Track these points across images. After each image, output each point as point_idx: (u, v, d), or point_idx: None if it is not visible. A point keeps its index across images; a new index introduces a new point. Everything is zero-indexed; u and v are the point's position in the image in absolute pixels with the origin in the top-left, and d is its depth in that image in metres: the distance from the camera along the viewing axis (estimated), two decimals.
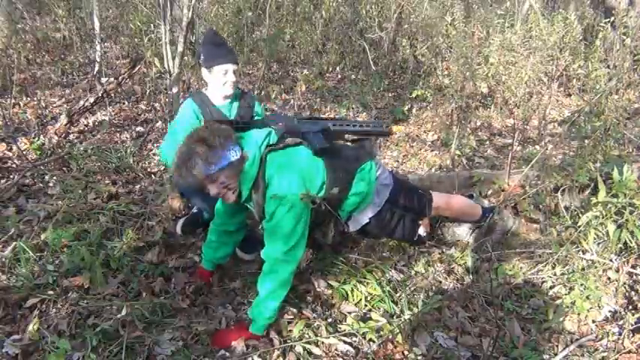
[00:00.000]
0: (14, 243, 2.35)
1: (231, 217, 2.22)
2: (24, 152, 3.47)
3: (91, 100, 4.21)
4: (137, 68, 4.53)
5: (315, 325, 1.98)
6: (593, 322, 2.01)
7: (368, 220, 2.18)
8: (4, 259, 2.25)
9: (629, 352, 1.78)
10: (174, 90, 4.11)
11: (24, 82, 4.88)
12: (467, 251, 2.46)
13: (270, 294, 1.88)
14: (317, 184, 1.94)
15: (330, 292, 2.21)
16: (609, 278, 2.20)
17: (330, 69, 6.12)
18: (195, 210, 2.74)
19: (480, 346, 1.88)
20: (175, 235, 2.68)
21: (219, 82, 2.36)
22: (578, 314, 2.02)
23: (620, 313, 2.03)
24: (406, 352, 1.84)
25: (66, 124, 4.03)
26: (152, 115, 4.52)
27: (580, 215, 2.36)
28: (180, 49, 3.96)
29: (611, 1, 6.00)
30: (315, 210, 1.91)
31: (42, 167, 3.31)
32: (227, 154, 1.76)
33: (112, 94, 4.52)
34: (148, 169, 3.58)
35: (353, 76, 5.59)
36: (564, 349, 1.85)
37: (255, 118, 2.54)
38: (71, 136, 4.00)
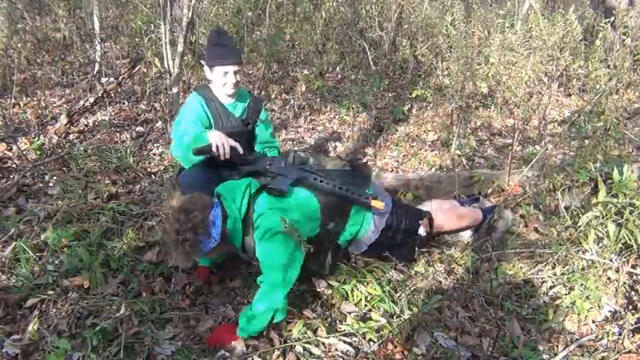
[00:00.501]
0: (14, 243, 2.35)
1: None
2: (24, 152, 3.47)
3: (91, 100, 4.21)
4: (137, 68, 4.53)
5: (315, 325, 1.98)
6: (593, 322, 2.01)
7: (366, 248, 2.21)
8: (4, 259, 2.25)
9: (629, 352, 1.78)
10: (174, 90, 4.11)
11: (24, 82, 4.88)
12: (467, 251, 2.46)
13: (263, 314, 1.85)
14: (314, 222, 1.97)
15: (330, 292, 2.21)
16: (609, 278, 2.20)
17: (330, 69, 6.12)
18: None
19: (480, 346, 1.88)
20: None
21: (219, 82, 2.36)
22: (578, 314, 2.02)
23: (620, 313, 2.02)
24: (406, 352, 1.84)
25: (66, 124, 4.03)
26: (152, 115, 4.52)
27: (580, 215, 2.36)
28: (180, 49, 3.96)
29: (611, 1, 6.00)
30: (311, 242, 1.94)
31: (42, 167, 3.31)
32: (205, 246, 1.81)
33: (112, 94, 4.52)
34: (148, 169, 3.58)
35: (353, 76, 5.59)
36: (564, 349, 1.85)
37: (259, 124, 2.54)
38: (71, 136, 4.00)
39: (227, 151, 2.10)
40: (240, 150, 2.17)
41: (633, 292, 2.13)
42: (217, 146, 2.09)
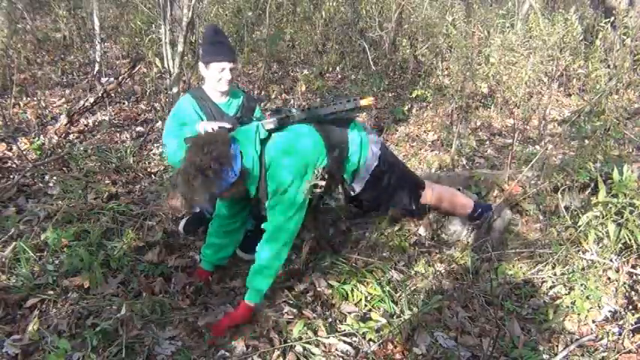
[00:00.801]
0: (14, 243, 2.35)
1: (232, 217, 2.24)
2: (24, 152, 3.47)
3: (91, 100, 4.21)
4: (137, 68, 4.53)
5: (315, 325, 1.98)
6: (593, 322, 2.01)
7: (369, 176, 2.24)
8: (4, 259, 2.25)
9: (629, 352, 1.78)
10: (174, 90, 4.11)
11: (24, 82, 4.88)
12: (467, 251, 2.46)
13: (274, 256, 2.00)
14: (320, 150, 2.04)
15: (330, 292, 2.21)
16: (609, 278, 2.20)
17: (330, 69, 6.12)
18: (197, 209, 2.75)
19: (480, 346, 1.88)
20: (175, 235, 2.68)
21: (214, 79, 2.39)
22: (578, 314, 2.02)
23: (620, 313, 2.02)
24: (406, 352, 1.84)
25: (66, 124, 4.02)
26: (152, 115, 4.52)
27: (580, 215, 2.36)
28: (180, 49, 3.96)
29: (611, 1, 6.00)
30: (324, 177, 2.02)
31: (42, 167, 3.31)
32: (226, 180, 1.81)
33: (112, 94, 4.52)
34: (148, 169, 3.58)
35: (353, 76, 5.58)
36: (564, 349, 1.85)
37: (254, 121, 2.56)
38: (71, 136, 4.00)
39: (215, 129, 2.14)
40: (229, 126, 2.20)
41: (633, 292, 2.13)
42: (205, 129, 2.15)
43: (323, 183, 2.00)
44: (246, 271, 2.39)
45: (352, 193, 2.29)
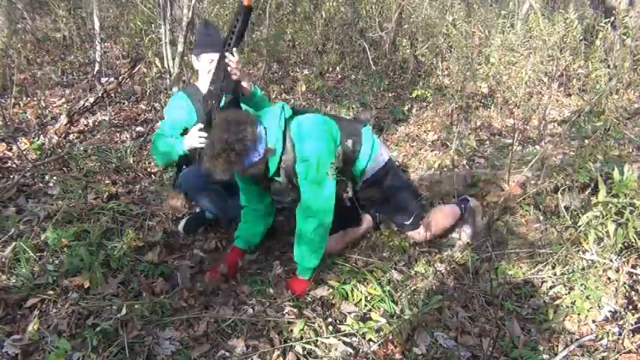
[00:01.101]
0: (14, 243, 2.35)
1: (259, 201, 2.35)
2: (24, 152, 3.46)
3: (91, 100, 4.20)
4: (137, 68, 4.53)
5: (315, 325, 1.98)
6: (593, 322, 2.01)
7: (374, 173, 2.32)
8: (4, 259, 2.25)
9: (629, 352, 1.78)
10: (175, 90, 4.11)
11: (24, 82, 4.88)
12: (467, 251, 2.46)
13: (319, 246, 2.16)
14: (337, 133, 2.16)
15: (330, 292, 2.20)
16: (609, 278, 2.20)
17: (330, 69, 6.11)
18: (198, 209, 2.75)
19: (480, 346, 1.88)
20: (175, 235, 2.68)
21: (205, 70, 2.42)
22: (578, 314, 2.02)
23: (620, 313, 2.02)
24: (406, 352, 1.84)
25: (66, 124, 4.02)
26: (152, 115, 4.52)
27: (580, 215, 2.36)
28: (180, 49, 3.96)
29: (611, 1, 6.00)
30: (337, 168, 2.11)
31: (42, 167, 3.31)
32: (249, 159, 1.89)
33: (112, 94, 4.52)
34: (148, 169, 3.58)
35: (353, 76, 5.58)
36: (564, 349, 1.85)
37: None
38: (71, 136, 4.00)
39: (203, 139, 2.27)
40: None
41: (633, 292, 2.13)
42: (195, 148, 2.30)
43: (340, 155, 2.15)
44: (247, 272, 2.41)
45: (356, 188, 2.36)
